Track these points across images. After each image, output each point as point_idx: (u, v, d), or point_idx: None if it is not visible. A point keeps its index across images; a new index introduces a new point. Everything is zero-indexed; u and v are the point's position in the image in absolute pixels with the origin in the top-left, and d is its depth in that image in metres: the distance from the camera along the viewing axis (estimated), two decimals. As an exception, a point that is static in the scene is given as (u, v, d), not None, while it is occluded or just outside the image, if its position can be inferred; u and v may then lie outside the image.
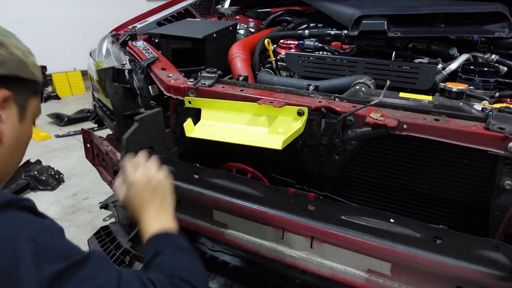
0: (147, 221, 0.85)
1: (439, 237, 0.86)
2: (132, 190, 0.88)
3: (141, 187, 0.87)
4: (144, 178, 0.88)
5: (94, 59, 1.57)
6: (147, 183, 0.87)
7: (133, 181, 0.88)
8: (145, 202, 0.86)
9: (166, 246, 0.78)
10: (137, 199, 0.87)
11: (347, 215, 0.96)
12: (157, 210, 0.87)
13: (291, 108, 1.03)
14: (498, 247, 0.81)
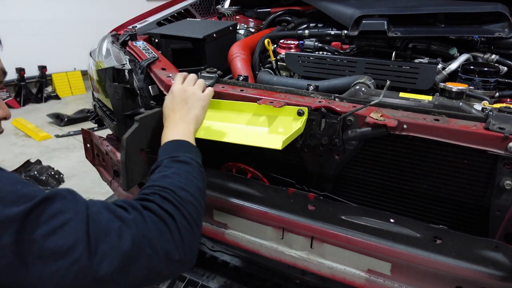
0: (166, 128, 0.95)
1: (439, 237, 0.86)
2: (168, 97, 0.99)
3: (175, 95, 0.98)
4: (181, 88, 0.99)
5: (94, 59, 1.57)
6: (182, 92, 0.98)
7: (172, 89, 1.00)
8: (172, 109, 0.97)
9: (164, 158, 0.83)
10: (168, 105, 0.98)
11: (347, 215, 0.96)
12: (179, 118, 0.95)
13: (291, 108, 1.03)
14: (498, 247, 0.81)
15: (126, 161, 1.08)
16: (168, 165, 0.81)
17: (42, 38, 4.80)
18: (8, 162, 2.97)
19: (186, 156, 0.85)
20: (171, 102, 0.98)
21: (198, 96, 0.99)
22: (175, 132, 0.92)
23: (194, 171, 0.83)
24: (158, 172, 0.80)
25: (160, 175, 0.78)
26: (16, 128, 3.78)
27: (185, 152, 0.86)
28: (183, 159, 0.83)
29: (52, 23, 4.87)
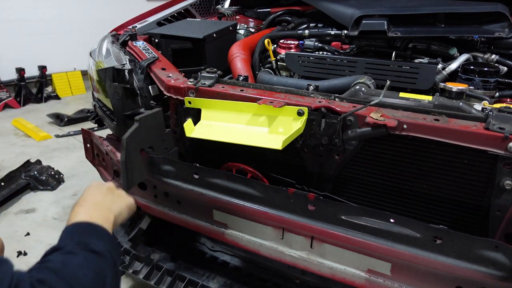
0: (80, 206, 0.78)
1: (439, 237, 0.86)
2: (93, 184, 0.84)
3: (103, 185, 0.84)
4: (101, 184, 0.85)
5: (94, 59, 1.57)
6: (109, 186, 0.84)
7: (98, 183, 0.85)
8: (93, 193, 0.81)
9: (69, 242, 0.68)
10: (91, 189, 0.82)
11: (347, 215, 0.96)
12: (100, 202, 0.80)
13: (291, 108, 1.03)
14: (498, 247, 0.81)
15: (126, 161, 1.08)
16: (74, 251, 0.65)
17: (42, 38, 4.80)
18: (8, 162, 2.97)
19: (99, 244, 0.68)
20: (97, 188, 0.83)
21: (125, 195, 0.87)
22: (91, 214, 0.76)
23: (106, 266, 0.67)
24: (60, 256, 0.64)
25: (62, 263, 0.62)
26: (16, 128, 3.78)
27: (98, 239, 0.70)
28: (94, 248, 0.67)
29: (52, 23, 4.87)
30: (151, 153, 1.17)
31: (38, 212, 2.36)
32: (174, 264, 1.46)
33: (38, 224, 2.25)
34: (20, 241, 2.10)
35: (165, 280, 1.42)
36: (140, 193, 1.34)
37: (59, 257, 0.63)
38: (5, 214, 2.34)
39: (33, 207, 2.41)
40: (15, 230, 2.19)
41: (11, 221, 2.28)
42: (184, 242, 1.56)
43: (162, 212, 1.30)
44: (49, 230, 2.19)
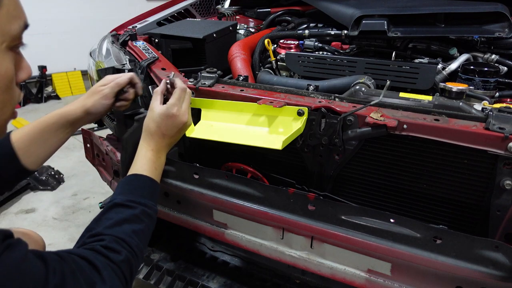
0: (146, 150, 0.94)
1: (439, 237, 0.86)
2: (162, 114, 0.94)
3: (176, 118, 0.94)
4: (183, 111, 0.96)
5: (94, 59, 1.57)
6: (181, 116, 0.95)
7: (173, 111, 0.94)
8: (161, 131, 0.94)
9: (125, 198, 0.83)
10: (159, 122, 0.94)
11: (347, 215, 0.96)
12: (165, 146, 0.96)
13: (291, 108, 1.03)
14: (498, 247, 0.81)
15: (126, 161, 1.08)
16: (139, 218, 0.82)
17: (42, 38, 4.80)
18: (8, 162, 2.97)
19: (153, 205, 0.88)
20: (165, 123, 0.95)
21: (188, 124, 0.99)
22: (154, 163, 0.94)
23: (145, 224, 0.84)
24: (112, 214, 0.81)
25: (112, 222, 0.79)
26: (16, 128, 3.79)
27: (152, 196, 0.89)
28: (151, 213, 0.86)
29: (52, 23, 4.87)
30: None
31: (38, 212, 2.36)
32: (174, 264, 1.46)
33: (38, 224, 2.25)
34: (20, 241, 2.10)
35: (165, 280, 1.43)
36: (140, 193, 1.34)
37: (127, 227, 0.78)
38: (5, 214, 2.34)
39: (33, 207, 2.41)
40: (15, 230, 2.19)
41: (11, 221, 2.28)
42: (184, 242, 1.56)
43: (162, 212, 1.30)
44: (49, 230, 2.20)
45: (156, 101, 0.97)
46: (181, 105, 0.97)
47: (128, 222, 0.79)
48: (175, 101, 0.96)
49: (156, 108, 0.95)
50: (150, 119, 0.95)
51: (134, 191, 0.86)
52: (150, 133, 0.95)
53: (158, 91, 0.99)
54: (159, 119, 0.94)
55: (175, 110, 0.94)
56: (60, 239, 2.10)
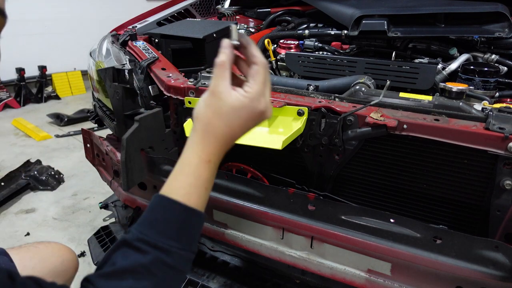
0: (182, 162, 0.63)
1: (439, 237, 0.86)
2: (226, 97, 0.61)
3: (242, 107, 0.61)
4: (266, 104, 0.63)
5: (94, 59, 1.57)
6: (264, 112, 0.62)
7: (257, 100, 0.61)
8: (216, 131, 0.62)
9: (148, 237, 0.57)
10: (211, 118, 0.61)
11: (347, 215, 0.96)
12: (223, 146, 0.63)
13: (291, 108, 1.03)
14: (498, 247, 0.81)
15: (126, 161, 1.08)
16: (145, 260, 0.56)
17: (42, 38, 4.80)
18: (8, 162, 2.97)
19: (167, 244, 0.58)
20: (243, 123, 0.62)
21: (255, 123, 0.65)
22: (204, 182, 0.63)
23: (157, 280, 0.56)
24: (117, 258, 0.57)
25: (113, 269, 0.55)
26: (16, 128, 3.78)
27: (172, 236, 0.59)
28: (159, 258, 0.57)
29: (52, 23, 4.87)
30: (151, 153, 1.17)
31: (38, 212, 2.36)
32: (174, 264, 1.46)
33: (38, 224, 2.25)
34: (20, 241, 2.10)
35: (165, 280, 1.42)
36: (140, 193, 1.34)
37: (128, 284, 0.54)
38: (5, 214, 2.34)
39: (33, 207, 2.41)
40: (15, 230, 2.19)
41: (11, 221, 2.28)
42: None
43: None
44: (49, 230, 2.20)
45: (224, 81, 0.61)
46: (266, 93, 0.63)
47: (132, 274, 0.55)
48: (260, 87, 0.62)
49: (226, 94, 0.61)
50: (213, 111, 0.61)
51: (156, 224, 0.59)
52: (212, 134, 0.62)
53: (224, 64, 0.62)
54: (233, 115, 0.61)
55: (263, 103, 0.62)
56: (60, 239, 2.10)
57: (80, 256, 1.96)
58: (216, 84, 0.61)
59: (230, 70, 0.62)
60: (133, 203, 1.39)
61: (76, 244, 2.05)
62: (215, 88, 0.61)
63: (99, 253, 1.53)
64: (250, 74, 0.63)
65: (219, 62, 0.61)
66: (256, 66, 0.63)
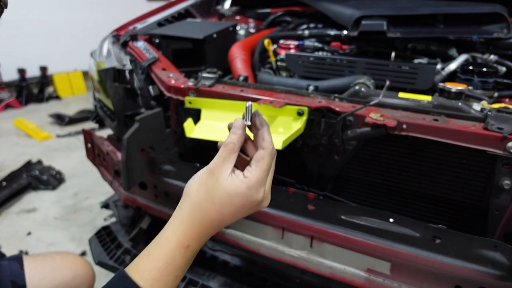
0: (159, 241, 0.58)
1: (438, 237, 0.87)
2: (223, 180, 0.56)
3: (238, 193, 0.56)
4: (263, 195, 0.59)
5: (95, 60, 1.58)
6: (247, 203, 0.57)
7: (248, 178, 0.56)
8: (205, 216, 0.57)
9: None
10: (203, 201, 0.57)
11: (347, 214, 0.96)
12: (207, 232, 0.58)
13: (291, 108, 1.03)
14: (496, 247, 0.82)
15: (126, 161, 1.09)
16: None
17: (43, 39, 4.81)
18: (10, 162, 2.98)
19: None
20: (236, 210, 0.57)
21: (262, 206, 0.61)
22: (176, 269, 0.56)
23: None
24: None
25: None
26: (18, 128, 3.79)
27: None
28: None
29: (53, 23, 4.88)
30: (151, 153, 1.17)
31: (40, 211, 2.37)
32: (174, 264, 1.46)
33: (39, 224, 2.26)
34: (21, 241, 2.11)
35: (165, 280, 1.43)
36: (140, 193, 1.35)
37: None
38: (7, 214, 2.35)
39: (35, 206, 2.42)
40: (17, 230, 2.20)
41: (12, 220, 2.29)
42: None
43: (162, 212, 1.30)
44: (50, 230, 2.20)
45: (227, 164, 0.57)
46: (267, 181, 0.59)
47: None
48: (261, 174, 0.57)
49: (225, 176, 0.56)
50: (205, 194, 0.57)
51: None
52: (198, 217, 0.57)
53: (234, 146, 0.58)
54: (226, 201, 0.56)
55: (261, 193, 0.58)
56: (61, 238, 2.11)
57: (81, 255, 1.96)
58: (217, 164, 0.57)
59: (237, 154, 0.58)
60: (134, 202, 1.39)
61: (77, 244, 2.06)
62: (216, 169, 0.57)
63: (100, 253, 1.54)
64: (254, 158, 0.59)
65: (228, 143, 0.58)
66: (262, 151, 0.59)
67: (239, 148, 0.59)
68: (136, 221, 1.59)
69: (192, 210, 0.57)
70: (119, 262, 1.48)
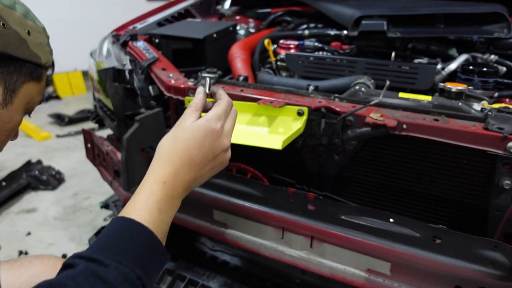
0: (141, 186, 0.63)
1: (439, 237, 0.87)
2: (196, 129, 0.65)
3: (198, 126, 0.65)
4: (227, 131, 0.69)
5: (94, 59, 1.58)
6: (221, 141, 0.68)
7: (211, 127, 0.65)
8: (190, 155, 0.64)
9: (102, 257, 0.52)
10: (170, 142, 0.65)
11: (347, 215, 0.96)
12: (189, 180, 0.66)
13: (291, 108, 1.03)
14: (497, 247, 0.82)
15: (126, 161, 1.09)
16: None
17: (42, 39, 4.81)
18: (9, 162, 2.98)
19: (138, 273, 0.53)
20: (199, 142, 0.65)
21: (228, 156, 0.73)
22: (161, 203, 0.61)
23: None
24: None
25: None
26: (17, 128, 3.79)
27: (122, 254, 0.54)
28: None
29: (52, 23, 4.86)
30: (151, 153, 1.17)
31: (39, 211, 2.37)
32: (174, 264, 1.46)
33: (39, 224, 2.25)
34: (21, 241, 2.11)
35: (165, 280, 1.43)
36: (140, 193, 1.35)
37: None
38: (7, 214, 2.35)
39: (34, 206, 2.42)
40: (16, 230, 2.20)
41: (12, 220, 2.29)
42: (184, 241, 1.56)
43: (162, 212, 1.30)
44: (50, 230, 2.20)
45: (190, 118, 0.67)
46: (226, 121, 0.70)
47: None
48: (221, 112, 0.68)
49: (187, 122, 0.66)
50: (172, 137, 0.66)
51: (97, 241, 0.56)
52: (168, 156, 0.64)
53: (196, 105, 0.70)
54: (190, 135, 0.65)
55: (219, 125, 0.67)
56: (61, 238, 2.11)
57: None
58: (182, 119, 0.68)
59: (199, 112, 0.69)
60: (134, 203, 1.39)
61: (76, 244, 2.05)
62: (181, 121, 0.68)
63: (99, 253, 1.53)
64: (214, 106, 0.70)
65: (191, 104, 0.70)
66: (220, 100, 0.71)
67: (200, 108, 0.70)
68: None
69: (161, 154, 0.65)
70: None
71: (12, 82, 0.62)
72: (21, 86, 0.64)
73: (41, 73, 0.69)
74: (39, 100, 0.72)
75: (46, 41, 0.70)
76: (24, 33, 0.63)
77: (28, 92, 0.66)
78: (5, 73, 0.61)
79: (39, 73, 0.68)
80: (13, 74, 0.62)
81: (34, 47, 0.65)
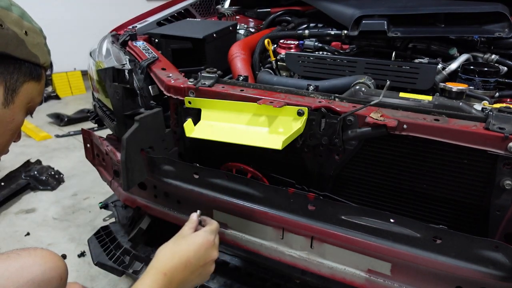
0: (142, 278, 0.77)
1: (439, 237, 0.86)
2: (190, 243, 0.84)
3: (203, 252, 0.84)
4: (211, 247, 0.88)
5: (94, 59, 1.57)
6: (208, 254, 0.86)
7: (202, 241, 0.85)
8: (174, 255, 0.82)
9: None
10: (172, 247, 0.83)
11: (347, 215, 0.96)
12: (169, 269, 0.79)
13: (291, 108, 1.03)
14: (498, 247, 0.81)
15: (126, 161, 1.08)
16: None
17: (42, 38, 4.80)
18: (8, 162, 2.97)
19: None
20: (197, 249, 0.84)
21: (212, 268, 0.91)
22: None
23: None
24: None
25: None
26: (16, 128, 3.78)
27: None
28: None
29: (52, 23, 4.87)
30: (151, 153, 1.17)
31: (38, 212, 2.36)
32: (174, 264, 1.46)
33: (38, 224, 2.25)
34: (20, 241, 2.10)
35: (165, 280, 1.42)
36: (140, 193, 1.35)
37: None
38: (5, 214, 2.34)
39: (33, 207, 2.41)
40: (15, 230, 2.19)
41: (11, 221, 2.28)
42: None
43: (162, 212, 1.30)
44: (49, 230, 2.20)
45: (188, 230, 0.90)
46: (216, 237, 0.92)
47: None
48: (214, 228, 0.91)
49: (187, 232, 0.88)
50: (173, 241, 0.85)
51: None
52: (170, 254, 0.81)
53: (192, 224, 0.93)
54: (190, 241, 0.85)
55: (213, 237, 0.89)
56: (60, 239, 2.11)
57: (80, 256, 1.96)
58: (181, 232, 0.88)
59: (195, 230, 0.91)
60: (133, 203, 1.39)
61: (76, 244, 2.05)
62: (179, 234, 0.88)
63: (99, 253, 1.53)
64: (208, 225, 0.93)
65: (188, 223, 0.92)
66: (211, 221, 0.97)
67: (196, 228, 0.92)
68: (135, 221, 1.59)
69: (164, 252, 0.81)
70: (118, 263, 1.48)
71: (12, 82, 0.64)
72: (21, 86, 0.66)
73: (40, 73, 0.70)
74: (39, 100, 0.74)
75: (43, 41, 0.72)
76: (22, 33, 0.65)
77: (28, 91, 0.68)
78: (5, 73, 0.62)
79: (38, 73, 0.69)
80: (13, 74, 0.64)
81: (32, 47, 0.66)
